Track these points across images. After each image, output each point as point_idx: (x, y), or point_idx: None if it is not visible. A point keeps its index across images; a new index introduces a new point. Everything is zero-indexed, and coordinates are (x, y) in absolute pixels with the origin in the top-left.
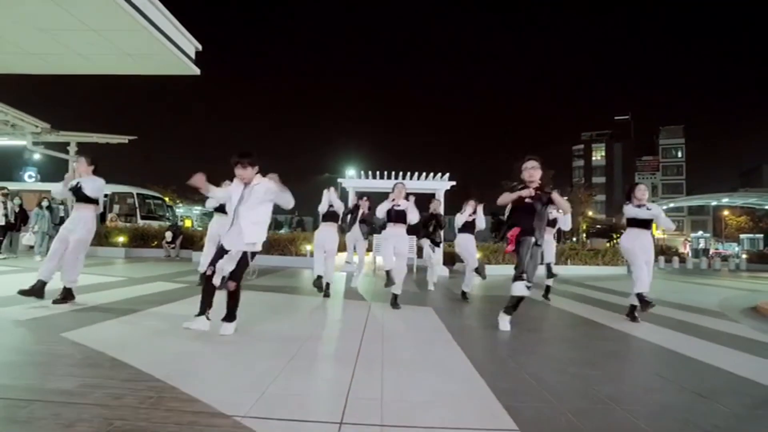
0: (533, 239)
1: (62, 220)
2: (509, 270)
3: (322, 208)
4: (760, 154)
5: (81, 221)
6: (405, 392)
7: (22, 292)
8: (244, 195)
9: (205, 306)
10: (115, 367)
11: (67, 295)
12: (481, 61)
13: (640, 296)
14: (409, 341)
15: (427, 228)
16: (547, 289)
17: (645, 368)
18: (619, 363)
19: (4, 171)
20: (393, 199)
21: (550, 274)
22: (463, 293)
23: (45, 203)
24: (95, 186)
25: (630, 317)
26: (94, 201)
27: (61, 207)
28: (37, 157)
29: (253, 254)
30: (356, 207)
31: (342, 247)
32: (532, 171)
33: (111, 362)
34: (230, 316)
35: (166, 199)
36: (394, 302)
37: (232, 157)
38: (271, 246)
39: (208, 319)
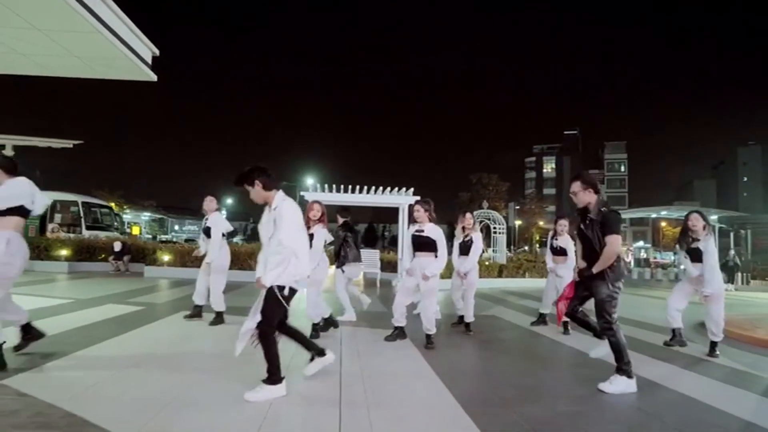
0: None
1: None
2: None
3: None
4: (691, 171)
5: None
6: None
7: None
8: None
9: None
10: (73, 427)
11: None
12: (439, 73)
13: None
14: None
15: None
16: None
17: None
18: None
19: None
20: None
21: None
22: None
23: None
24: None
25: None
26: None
27: None
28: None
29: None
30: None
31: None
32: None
33: (67, 420)
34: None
35: (113, 206)
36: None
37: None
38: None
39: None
